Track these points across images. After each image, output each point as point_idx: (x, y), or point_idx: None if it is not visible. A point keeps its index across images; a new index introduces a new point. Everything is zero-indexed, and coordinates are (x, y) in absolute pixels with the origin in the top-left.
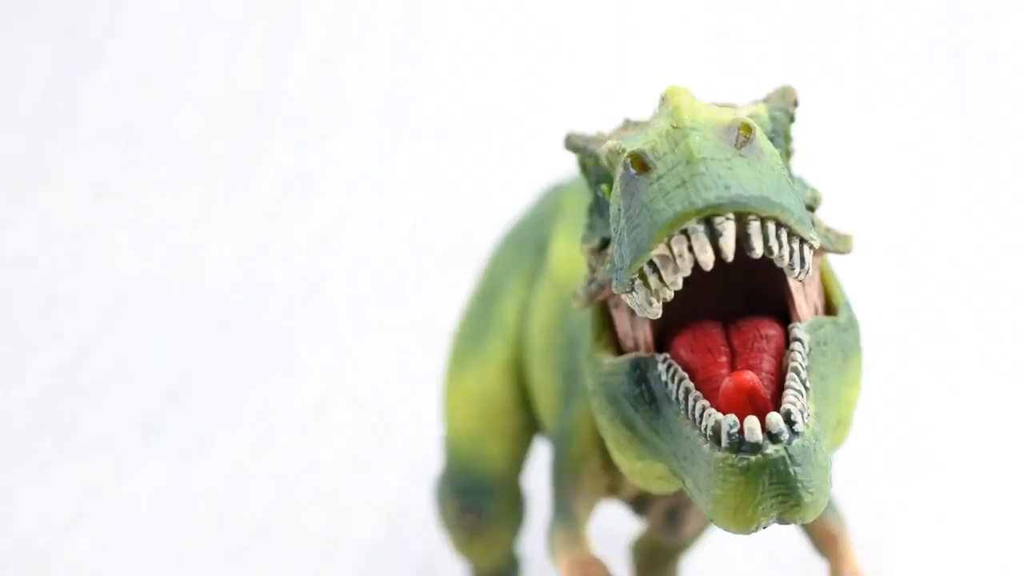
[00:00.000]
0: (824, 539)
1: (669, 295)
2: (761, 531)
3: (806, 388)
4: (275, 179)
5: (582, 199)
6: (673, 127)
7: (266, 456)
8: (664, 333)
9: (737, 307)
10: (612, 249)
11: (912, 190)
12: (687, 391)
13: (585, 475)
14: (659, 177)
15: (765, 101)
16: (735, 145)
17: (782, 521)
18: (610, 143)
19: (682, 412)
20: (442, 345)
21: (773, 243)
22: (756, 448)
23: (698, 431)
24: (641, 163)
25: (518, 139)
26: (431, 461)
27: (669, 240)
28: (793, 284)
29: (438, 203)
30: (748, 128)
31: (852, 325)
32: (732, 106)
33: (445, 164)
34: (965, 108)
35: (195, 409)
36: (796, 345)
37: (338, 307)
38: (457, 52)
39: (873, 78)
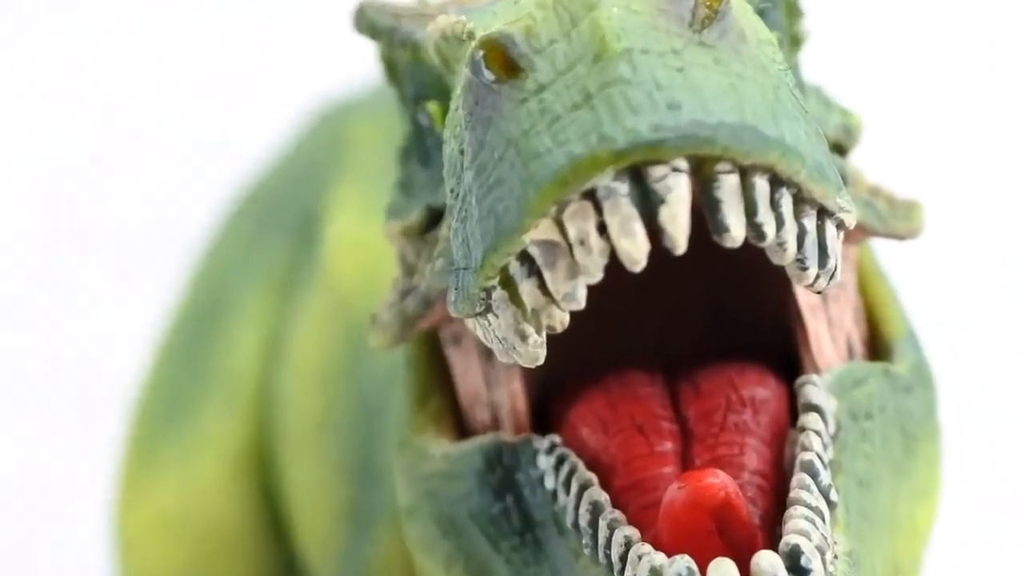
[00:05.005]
0: None
1: (560, 320)
2: None
3: (830, 503)
4: None
5: (387, 133)
6: None
7: None
8: (550, 396)
9: (694, 345)
10: (447, 230)
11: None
12: (595, 509)
13: None
14: (541, 87)
15: None
16: (690, 24)
17: None
18: (445, 20)
19: (587, 550)
20: (113, 417)
21: (765, 217)
22: None
23: None
24: (505, 59)
25: (252, 19)
26: None
27: (560, 212)
28: (805, 300)
29: (93, 155)
30: None
31: (921, 379)
32: None
33: (105, 81)
34: None
35: None
36: (810, 420)
37: None
38: None
39: None
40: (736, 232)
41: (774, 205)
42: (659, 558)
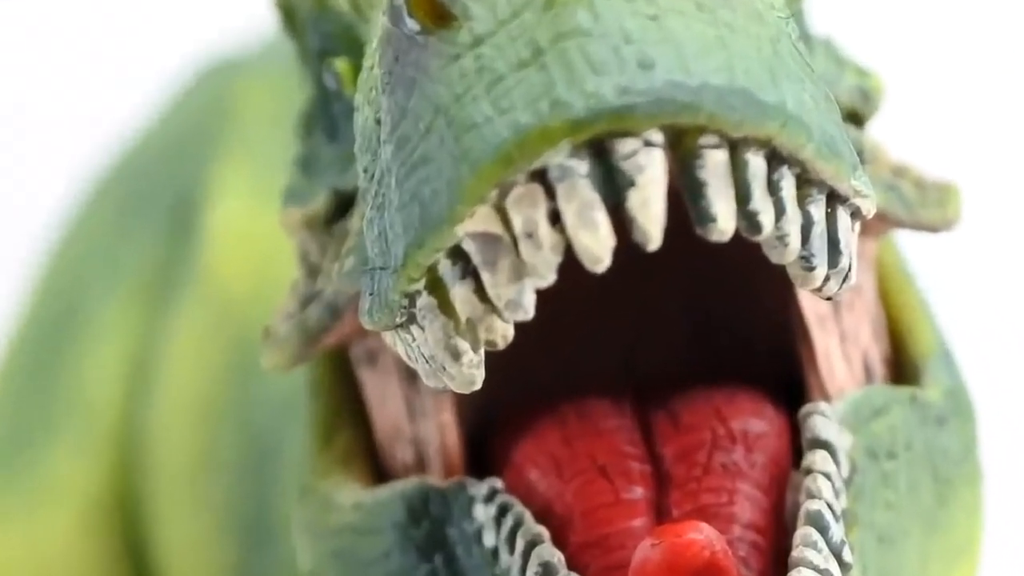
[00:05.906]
0: None
1: (503, 333)
2: None
3: (843, 564)
4: None
5: (283, 97)
6: None
7: None
8: (490, 429)
9: (672, 365)
10: (360, 220)
11: None
12: (547, 572)
13: None
14: (478, 40)
15: None
16: None
17: None
18: None
19: None
20: None
21: (761, 204)
22: None
23: None
24: (433, 5)
25: None
26: None
27: (502, 197)
28: (812, 308)
29: None
30: None
31: (957, 408)
32: None
33: None
34: None
35: None
36: (818, 459)
37: None
38: None
39: None
40: (724, 223)
41: (772, 188)
42: None
